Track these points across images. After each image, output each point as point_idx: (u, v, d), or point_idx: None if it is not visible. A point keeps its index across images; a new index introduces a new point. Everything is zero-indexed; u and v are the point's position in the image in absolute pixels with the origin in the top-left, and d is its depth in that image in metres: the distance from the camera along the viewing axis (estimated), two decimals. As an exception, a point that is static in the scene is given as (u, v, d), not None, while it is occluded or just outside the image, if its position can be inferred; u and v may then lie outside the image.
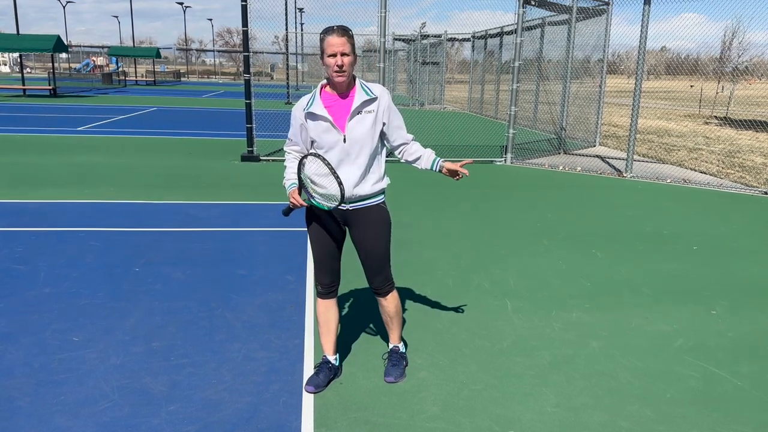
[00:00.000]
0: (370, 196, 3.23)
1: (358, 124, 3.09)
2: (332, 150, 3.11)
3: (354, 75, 3.12)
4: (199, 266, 5.31)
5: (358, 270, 5.05)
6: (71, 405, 3.13)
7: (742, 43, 16.55)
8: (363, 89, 3.11)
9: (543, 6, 12.34)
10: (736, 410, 3.28)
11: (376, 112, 3.12)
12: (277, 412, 3.12)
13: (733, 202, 8.64)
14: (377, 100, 3.12)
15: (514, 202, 8.28)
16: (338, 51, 2.95)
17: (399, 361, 3.58)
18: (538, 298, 4.82)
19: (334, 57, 2.96)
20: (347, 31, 2.99)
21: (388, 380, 3.47)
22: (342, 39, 2.96)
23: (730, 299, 4.91)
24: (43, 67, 65.77)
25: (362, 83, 3.14)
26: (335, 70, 2.98)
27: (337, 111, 3.09)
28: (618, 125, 18.89)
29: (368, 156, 3.14)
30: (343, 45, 2.96)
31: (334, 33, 2.96)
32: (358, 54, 10.55)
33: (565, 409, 3.24)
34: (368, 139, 3.11)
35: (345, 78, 3.02)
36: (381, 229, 3.27)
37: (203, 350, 3.77)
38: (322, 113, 3.08)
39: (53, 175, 9.28)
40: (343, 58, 2.97)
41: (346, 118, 3.09)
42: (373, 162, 3.19)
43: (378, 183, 3.23)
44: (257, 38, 11.01)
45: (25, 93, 29.36)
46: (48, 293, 4.62)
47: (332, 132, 3.09)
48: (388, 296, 3.42)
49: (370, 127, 3.11)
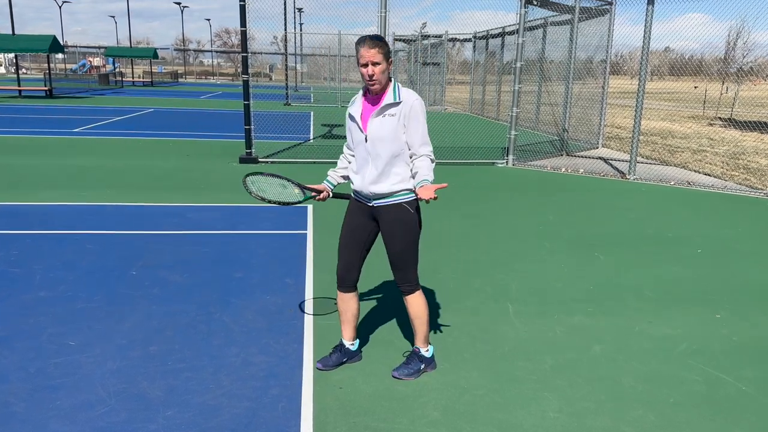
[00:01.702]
0: (388, 195, 3.33)
1: (379, 125, 3.24)
2: (358, 147, 3.34)
3: (391, 78, 3.30)
4: (196, 269, 5.27)
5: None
6: (67, 410, 3.10)
7: (746, 43, 16.48)
8: (393, 93, 3.25)
9: (545, 6, 12.31)
10: (740, 415, 3.25)
11: (398, 116, 3.23)
12: (276, 417, 3.10)
13: (738, 205, 8.59)
14: (401, 105, 3.23)
15: (516, 205, 8.24)
16: (369, 61, 3.14)
17: (413, 361, 3.59)
18: (540, 302, 4.78)
19: (365, 67, 3.15)
20: (378, 40, 3.16)
21: (393, 374, 3.54)
22: (373, 50, 3.13)
23: (735, 303, 4.86)
24: (39, 67, 65.56)
25: (396, 87, 3.27)
26: (367, 79, 3.18)
27: (366, 112, 3.31)
28: (621, 127, 18.84)
29: (388, 156, 3.25)
30: (374, 55, 3.13)
31: (365, 44, 3.14)
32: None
33: (568, 414, 3.21)
34: (388, 141, 3.24)
35: (377, 85, 3.20)
36: (398, 228, 3.35)
37: (201, 354, 3.74)
38: (355, 113, 3.33)
39: (49, 177, 9.24)
40: (374, 67, 3.14)
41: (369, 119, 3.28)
42: (395, 163, 3.29)
43: (400, 183, 3.31)
44: (256, 38, 10.99)
45: (20, 94, 29.23)
46: (44, 297, 4.58)
47: (358, 131, 3.31)
48: (408, 298, 3.50)
49: (391, 129, 3.23)
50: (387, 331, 4.18)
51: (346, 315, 3.62)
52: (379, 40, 3.16)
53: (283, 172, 3.43)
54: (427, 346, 3.61)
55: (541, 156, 12.59)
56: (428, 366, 3.63)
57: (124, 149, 12.49)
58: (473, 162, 11.93)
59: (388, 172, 3.28)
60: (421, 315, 3.52)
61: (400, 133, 3.24)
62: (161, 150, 12.56)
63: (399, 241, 3.37)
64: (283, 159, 11.56)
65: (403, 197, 3.35)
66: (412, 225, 3.39)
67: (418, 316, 3.52)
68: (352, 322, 3.64)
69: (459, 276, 5.33)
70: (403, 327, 4.21)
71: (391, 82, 3.28)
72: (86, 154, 11.72)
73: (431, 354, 3.64)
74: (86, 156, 11.43)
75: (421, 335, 3.57)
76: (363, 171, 3.34)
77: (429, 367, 3.63)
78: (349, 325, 3.64)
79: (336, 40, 30.72)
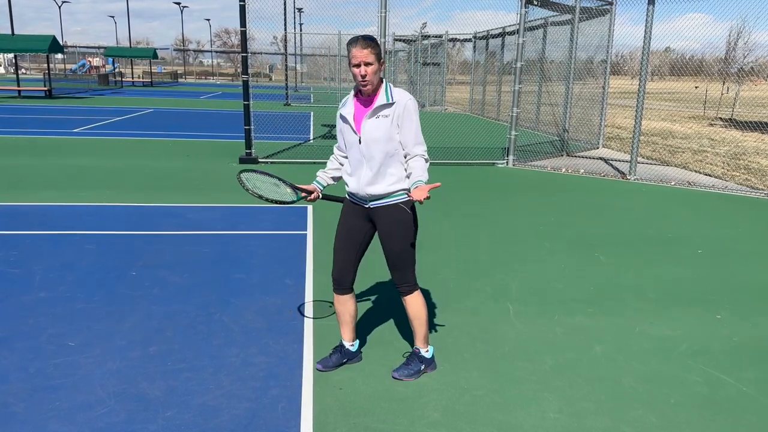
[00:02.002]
0: (385, 196, 3.33)
1: (373, 126, 3.23)
2: (351, 149, 3.33)
3: (383, 79, 3.28)
4: (196, 270, 5.27)
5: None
6: (67, 411, 3.09)
7: (747, 43, 16.44)
8: (385, 94, 3.25)
9: (545, 6, 12.29)
10: (741, 416, 3.24)
11: (392, 116, 3.22)
12: (276, 418, 3.09)
13: (739, 205, 8.58)
14: (394, 105, 3.22)
15: (516, 205, 8.24)
16: (362, 61, 3.13)
17: (411, 361, 3.60)
18: (541, 302, 4.77)
19: (358, 67, 3.14)
20: (370, 41, 3.16)
21: (393, 375, 3.54)
22: (365, 50, 3.12)
23: (736, 303, 4.86)
24: (39, 68, 65.36)
25: (387, 88, 3.27)
26: (359, 80, 3.17)
27: (359, 113, 3.29)
28: (621, 127, 18.82)
29: (383, 157, 3.25)
30: (366, 56, 3.12)
31: (358, 44, 3.13)
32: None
33: (568, 414, 3.20)
34: (382, 141, 3.23)
35: (369, 86, 3.19)
36: (395, 228, 3.35)
37: (201, 355, 3.73)
38: (348, 114, 3.31)
39: (48, 177, 9.24)
40: (366, 68, 3.14)
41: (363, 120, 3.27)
42: (390, 163, 3.28)
43: (396, 184, 3.31)
44: (256, 39, 10.99)
45: (20, 94, 29.18)
46: (43, 297, 4.58)
47: (351, 132, 3.30)
48: (407, 298, 3.49)
49: (385, 130, 3.22)
50: (386, 331, 4.17)
51: (344, 317, 3.62)
52: (371, 41, 3.16)
53: (283, 173, 3.44)
54: (427, 346, 3.60)
55: (542, 156, 12.58)
56: (428, 366, 3.62)
57: (123, 149, 12.49)
58: (473, 162, 11.92)
59: (384, 173, 3.28)
60: (420, 315, 3.51)
61: (393, 134, 3.24)
62: (161, 150, 12.55)
63: (397, 242, 3.36)
64: (283, 159, 11.56)
65: (400, 197, 3.35)
66: (409, 225, 3.38)
67: (417, 316, 3.51)
68: (350, 324, 3.64)
69: (459, 276, 5.32)
70: (402, 327, 4.21)
71: (383, 82, 3.28)
72: (86, 154, 11.71)
73: (431, 354, 3.63)
74: (86, 156, 11.43)
75: (420, 336, 3.56)
76: (358, 173, 3.33)
77: (429, 368, 3.62)
78: (348, 327, 3.65)
79: (336, 40, 30.79)
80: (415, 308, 3.50)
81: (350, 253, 3.48)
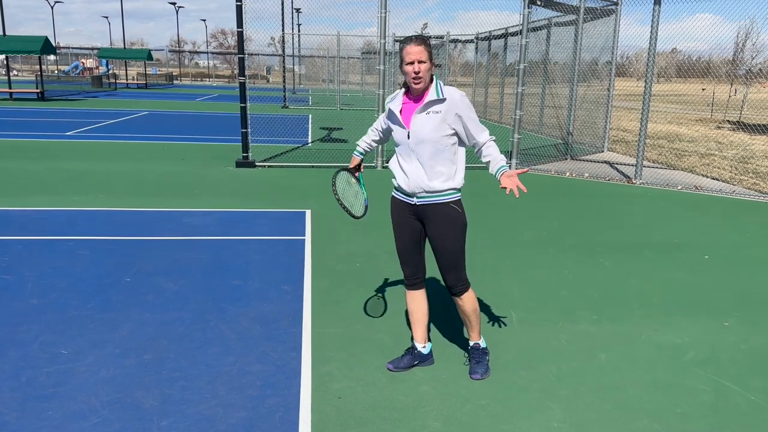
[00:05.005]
0: (434, 194, 3.36)
1: (422, 122, 3.27)
2: (400, 145, 3.39)
3: (434, 77, 3.33)
4: (192, 276, 5.20)
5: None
6: (59, 420, 3.05)
7: (756, 44, 16.32)
8: (436, 90, 3.28)
9: (549, 6, 12.20)
10: (749, 426, 3.18)
11: (443, 113, 3.25)
12: (273, 428, 3.04)
13: (747, 210, 8.50)
14: (446, 102, 3.25)
15: (519, 210, 8.17)
16: (415, 59, 3.18)
17: (482, 357, 3.65)
18: (544, 310, 4.71)
19: (411, 65, 3.19)
20: (425, 40, 3.24)
21: (475, 377, 3.58)
22: (419, 48, 3.19)
23: (744, 310, 4.79)
24: (31, 69, 64.79)
25: (438, 85, 3.30)
26: (412, 77, 3.21)
27: (408, 110, 3.35)
28: (627, 130, 18.70)
29: (432, 154, 3.29)
30: (420, 53, 3.19)
31: (412, 42, 3.20)
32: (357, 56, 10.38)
33: (572, 424, 3.15)
34: (432, 138, 3.26)
35: (422, 84, 3.24)
36: (446, 227, 3.39)
37: (196, 363, 3.67)
38: (395, 110, 3.37)
39: (41, 181, 9.15)
40: (420, 65, 3.19)
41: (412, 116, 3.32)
42: (440, 160, 3.31)
43: (446, 182, 3.35)
44: (253, 40, 10.95)
45: (11, 96, 28.92)
46: (35, 304, 4.51)
47: (400, 129, 3.36)
48: (463, 296, 3.51)
49: (434, 126, 3.25)
50: (385, 338, 4.10)
51: (417, 315, 3.67)
52: (425, 40, 3.24)
53: (281, 177, 3.38)
54: (480, 336, 3.69)
55: (545, 160, 12.51)
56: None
57: (117, 153, 12.40)
58: (476, 166, 11.83)
59: (432, 169, 3.31)
60: (476, 308, 3.58)
61: (443, 131, 3.27)
62: (156, 154, 12.47)
63: (452, 242, 3.41)
64: (281, 163, 11.48)
65: (449, 197, 3.39)
66: (462, 224, 3.44)
67: (475, 311, 3.57)
68: (423, 322, 3.68)
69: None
70: (401, 333, 4.14)
71: (434, 80, 3.31)
72: (79, 158, 11.61)
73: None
74: (79, 160, 11.33)
75: (477, 329, 3.65)
76: (406, 167, 3.37)
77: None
78: (420, 325, 3.68)
79: (335, 41, 30.57)
80: (471, 304, 3.54)
81: (413, 248, 3.56)
